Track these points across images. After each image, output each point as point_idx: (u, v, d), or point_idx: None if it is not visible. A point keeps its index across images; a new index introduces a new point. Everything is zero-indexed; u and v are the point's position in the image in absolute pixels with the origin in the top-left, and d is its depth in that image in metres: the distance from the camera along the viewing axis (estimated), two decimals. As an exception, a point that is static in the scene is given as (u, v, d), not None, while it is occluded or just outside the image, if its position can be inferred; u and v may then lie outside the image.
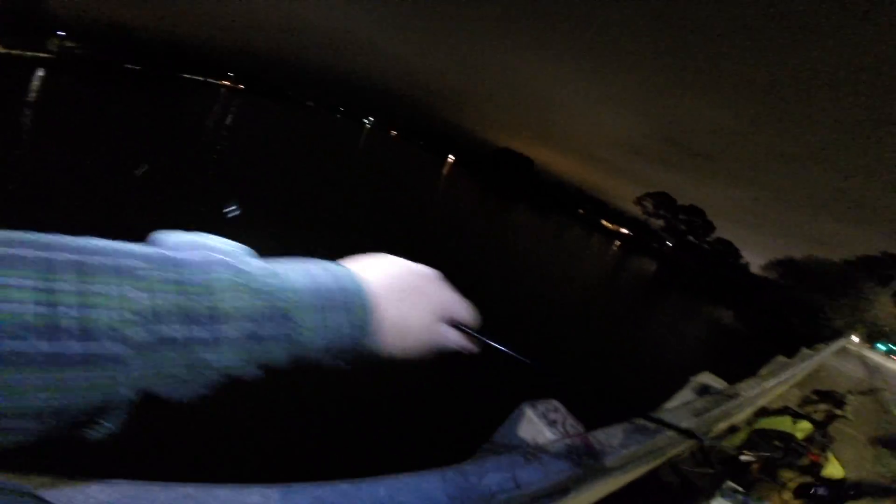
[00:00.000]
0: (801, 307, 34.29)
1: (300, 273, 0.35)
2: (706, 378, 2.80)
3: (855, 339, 37.48)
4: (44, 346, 0.22)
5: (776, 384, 3.99)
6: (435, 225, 26.73)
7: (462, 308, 0.46)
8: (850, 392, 4.36)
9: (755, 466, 2.80)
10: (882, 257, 43.82)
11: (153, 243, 0.31)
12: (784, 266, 44.11)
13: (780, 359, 5.83)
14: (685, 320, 34.01)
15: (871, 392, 6.73)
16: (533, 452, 1.30)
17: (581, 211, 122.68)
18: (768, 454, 3.00)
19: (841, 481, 2.93)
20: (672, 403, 3.17)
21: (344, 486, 0.85)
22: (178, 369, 0.28)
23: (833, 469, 2.89)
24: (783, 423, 3.22)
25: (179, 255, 0.30)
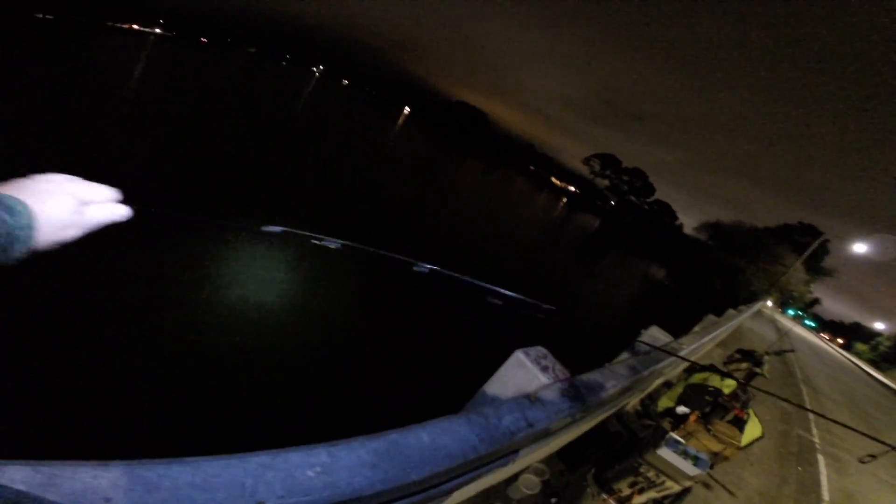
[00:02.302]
0: (724, 269, 37.20)
1: None
2: (655, 332, 3.00)
3: (769, 303, 40.84)
4: None
5: (708, 341, 4.39)
6: (387, 171, 26.17)
7: (93, 190, 0.60)
8: (766, 353, 4.90)
9: (692, 418, 3.11)
10: (798, 226, 47.18)
11: None
12: (713, 229, 46.68)
13: (711, 317, 6.32)
14: (622, 274, 36.39)
15: (779, 354, 7.61)
16: (536, 396, 1.48)
17: (532, 167, 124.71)
18: (701, 408, 3.34)
19: (759, 438, 3.33)
20: (624, 355, 3.39)
21: (393, 436, 0.95)
22: None
23: (753, 426, 3.26)
24: (713, 380, 3.51)
25: None
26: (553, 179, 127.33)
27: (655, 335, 2.79)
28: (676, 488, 2.73)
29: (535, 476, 2.57)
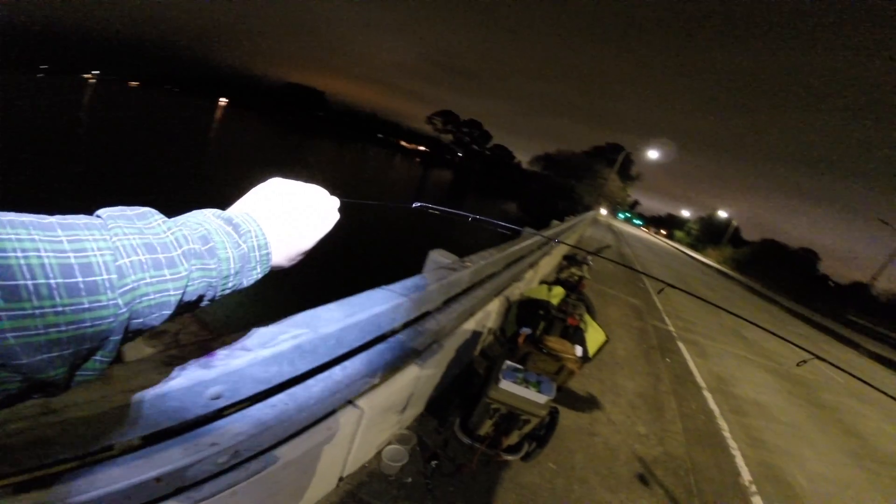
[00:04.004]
0: (561, 191, 42.66)
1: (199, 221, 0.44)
2: (437, 255, 2.66)
3: (604, 211, 49.48)
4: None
5: (510, 253, 4.28)
6: (217, 167, 23.10)
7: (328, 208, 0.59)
8: (587, 254, 4.94)
9: (520, 340, 2.81)
10: (607, 146, 57.29)
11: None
12: (545, 160, 54.46)
13: (528, 230, 6.47)
14: (483, 215, 38.74)
15: (599, 252, 8.27)
16: None
17: (380, 135, 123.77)
18: (537, 325, 3.10)
19: (606, 343, 3.09)
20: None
21: None
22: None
23: (595, 332, 3.05)
24: (540, 292, 3.28)
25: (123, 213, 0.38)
26: (402, 143, 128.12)
27: (437, 259, 2.50)
28: (536, 420, 2.46)
29: (400, 445, 2.34)
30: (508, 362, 2.57)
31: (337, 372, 1.73)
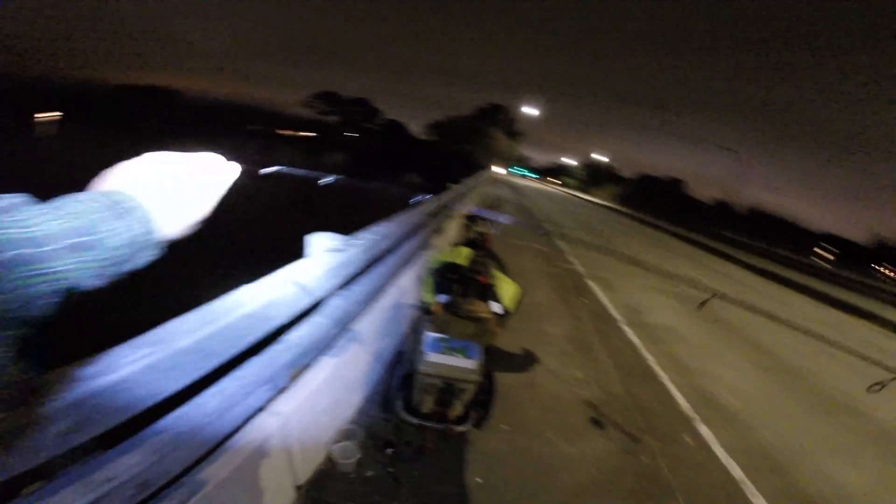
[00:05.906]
0: (458, 155, 43.79)
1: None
2: (319, 238, 2.36)
3: (500, 169, 52.31)
4: None
5: (410, 218, 4.17)
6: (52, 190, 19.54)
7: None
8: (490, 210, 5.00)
9: (436, 308, 2.74)
10: (489, 107, 60.36)
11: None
12: (437, 128, 55.34)
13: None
14: (391, 191, 38.03)
15: (517, 204, 8.34)
16: None
17: (252, 127, 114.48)
18: (453, 290, 2.98)
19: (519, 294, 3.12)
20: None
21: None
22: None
23: (506, 286, 2.98)
24: (447, 255, 3.20)
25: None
26: (286, 132, 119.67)
27: (320, 243, 2.23)
28: (473, 385, 2.44)
29: (347, 441, 2.28)
30: (430, 333, 2.53)
31: (228, 384, 1.54)
